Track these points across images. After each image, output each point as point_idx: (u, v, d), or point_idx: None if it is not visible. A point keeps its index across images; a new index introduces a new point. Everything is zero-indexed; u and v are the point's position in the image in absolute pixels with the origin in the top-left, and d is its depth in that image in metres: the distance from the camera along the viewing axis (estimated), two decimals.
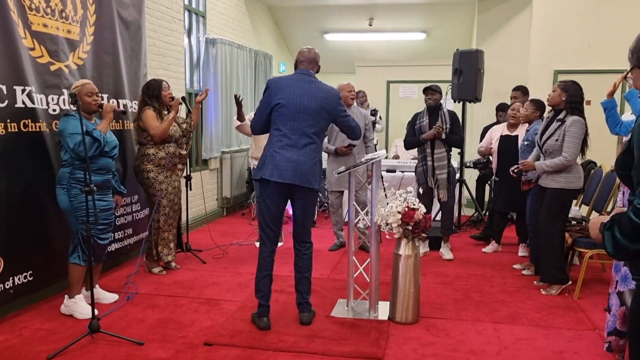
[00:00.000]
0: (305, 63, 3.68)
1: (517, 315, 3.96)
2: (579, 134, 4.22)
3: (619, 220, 1.60)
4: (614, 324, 3.17)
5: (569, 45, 7.75)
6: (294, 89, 3.55)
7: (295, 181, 3.49)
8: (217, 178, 7.69)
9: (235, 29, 8.31)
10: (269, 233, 3.67)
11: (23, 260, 3.84)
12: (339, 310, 3.98)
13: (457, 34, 10.04)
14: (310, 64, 3.68)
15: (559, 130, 4.28)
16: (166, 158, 4.70)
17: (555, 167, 4.26)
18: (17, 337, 3.47)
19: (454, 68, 6.58)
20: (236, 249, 5.82)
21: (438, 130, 5.25)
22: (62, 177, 3.72)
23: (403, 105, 9.99)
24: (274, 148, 3.54)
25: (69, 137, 3.61)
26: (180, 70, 6.49)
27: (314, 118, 3.55)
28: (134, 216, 5.18)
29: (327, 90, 3.64)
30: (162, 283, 4.59)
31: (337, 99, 3.67)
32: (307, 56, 3.69)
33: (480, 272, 5.05)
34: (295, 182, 3.49)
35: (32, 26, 3.90)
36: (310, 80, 3.62)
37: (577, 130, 4.22)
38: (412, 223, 3.70)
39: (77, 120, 3.58)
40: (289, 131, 3.52)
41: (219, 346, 3.37)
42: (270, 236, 3.68)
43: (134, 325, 3.69)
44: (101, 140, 3.74)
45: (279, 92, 3.56)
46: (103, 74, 4.68)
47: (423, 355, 3.29)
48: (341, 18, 10.06)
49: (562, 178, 4.27)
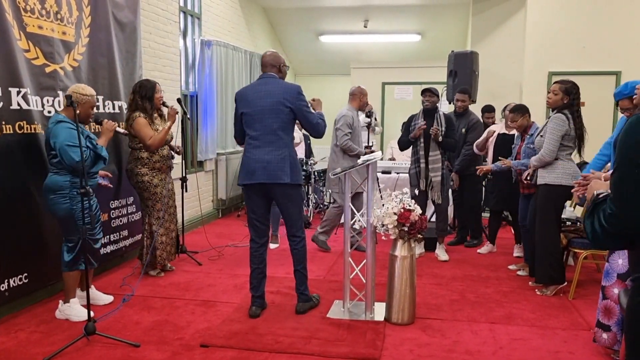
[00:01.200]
0: (267, 67, 3.88)
1: (513, 315, 3.98)
2: (556, 129, 4.25)
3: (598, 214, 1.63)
4: (598, 315, 3.31)
5: (564, 46, 7.79)
6: (255, 93, 3.80)
7: (265, 180, 3.71)
8: (213, 180, 7.69)
9: (230, 31, 8.31)
10: (255, 229, 3.93)
11: (18, 262, 3.83)
12: (335, 311, 3.98)
13: (451, 36, 10.08)
14: (271, 67, 3.86)
15: (544, 128, 4.36)
16: (160, 161, 4.68)
17: (537, 162, 4.35)
18: (13, 339, 3.46)
19: (449, 69, 6.62)
20: (232, 250, 5.82)
21: (436, 132, 5.26)
22: (62, 186, 3.65)
23: (398, 106, 10.02)
24: (245, 152, 3.86)
25: (71, 150, 3.54)
26: (176, 72, 6.48)
27: (276, 114, 3.73)
28: (129, 218, 5.17)
29: (286, 86, 3.81)
30: (158, 285, 4.58)
31: (296, 94, 3.77)
32: (267, 60, 3.89)
33: (476, 272, 5.06)
34: (265, 181, 3.71)
35: (27, 28, 3.89)
36: (269, 81, 3.82)
37: (554, 126, 4.26)
38: (408, 224, 3.71)
39: (73, 129, 3.57)
40: (256, 133, 3.77)
41: (215, 348, 3.37)
42: (258, 231, 3.94)
43: (130, 327, 3.69)
44: (106, 158, 3.80)
45: (242, 101, 3.84)
46: (98, 76, 4.67)
47: (419, 355, 3.30)
48: (336, 20, 10.08)
49: (547, 173, 4.32)
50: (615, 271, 3.21)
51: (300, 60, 11.79)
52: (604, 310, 3.26)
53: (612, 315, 3.22)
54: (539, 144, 4.37)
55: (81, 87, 3.80)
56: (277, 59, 3.87)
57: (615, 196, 1.55)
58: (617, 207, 1.53)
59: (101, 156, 3.79)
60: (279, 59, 3.88)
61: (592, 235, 1.62)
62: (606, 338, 3.25)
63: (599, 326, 3.30)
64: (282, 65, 3.89)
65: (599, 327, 3.30)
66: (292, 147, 3.83)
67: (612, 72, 7.69)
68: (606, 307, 3.24)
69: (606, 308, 3.24)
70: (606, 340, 3.25)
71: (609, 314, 3.23)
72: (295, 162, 3.79)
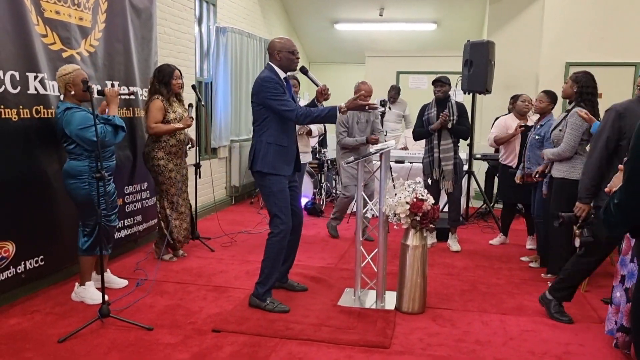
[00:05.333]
0: (269, 56, 3.81)
1: (524, 307, 3.97)
2: (577, 125, 4.21)
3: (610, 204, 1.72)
4: (621, 320, 3.15)
5: (581, 37, 7.69)
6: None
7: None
8: (226, 167, 7.73)
9: (245, 18, 8.30)
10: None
11: (34, 245, 3.89)
12: (346, 299, 4.00)
13: (468, 25, 9.97)
14: (270, 56, 3.81)
15: (563, 121, 4.31)
16: (177, 145, 4.71)
17: (554, 155, 4.33)
18: (29, 320, 3.53)
19: (465, 59, 6.55)
20: (244, 237, 5.86)
21: (445, 118, 5.25)
22: (82, 171, 3.67)
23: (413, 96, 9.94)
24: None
25: (88, 132, 3.56)
26: (191, 58, 6.50)
27: (252, 107, 3.77)
28: (143, 203, 5.22)
29: (257, 79, 3.74)
30: (171, 270, 4.63)
31: (259, 85, 3.67)
32: (268, 49, 3.84)
33: (487, 263, 5.06)
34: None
35: (45, 13, 3.92)
36: (262, 72, 3.79)
37: (575, 121, 4.23)
38: (421, 214, 3.71)
39: (84, 112, 3.62)
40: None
41: (227, 333, 3.40)
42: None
43: (144, 310, 3.74)
44: (123, 125, 3.79)
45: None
46: (114, 62, 4.70)
47: (429, 344, 3.31)
48: (352, 8, 10.01)
49: (565, 167, 4.29)
50: None
51: (314, 48, 11.74)
52: (628, 313, 3.01)
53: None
54: (557, 137, 4.33)
55: (62, 69, 3.70)
56: (272, 47, 3.75)
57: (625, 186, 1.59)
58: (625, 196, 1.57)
59: (118, 125, 3.76)
60: (273, 46, 3.73)
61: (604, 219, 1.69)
62: (628, 340, 3.05)
63: (622, 331, 3.10)
64: (277, 52, 3.72)
65: (623, 332, 3.10)
66: (267, 136, 3.69)
67: (631, 63, 7.58)
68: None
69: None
70: (629, 342, 3.05)
71: None
72: (261, 149, 3.70)
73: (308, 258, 5.06)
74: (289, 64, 3.76)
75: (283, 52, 3.72)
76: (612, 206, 1.62)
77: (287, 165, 3.79)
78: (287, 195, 3.79)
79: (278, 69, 3.74)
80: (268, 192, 3.76)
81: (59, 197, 4.00)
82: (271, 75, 3.69)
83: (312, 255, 5.18)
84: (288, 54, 3.73)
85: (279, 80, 3.69)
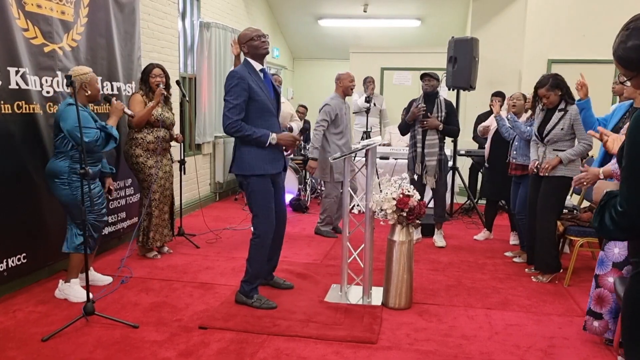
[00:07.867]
0: None
1: (509, 301, 4.02)
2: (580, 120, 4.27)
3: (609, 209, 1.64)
4: (589, 304, 3.33)
5: (563, 34, 7.76)
6: None
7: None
8: (210, 163, 7.68)
9: (229, 13, 8.25)
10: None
11: (17, 242, 3.83)
12: (332, 295, 4.01)
13: (451, 22, 10.02)
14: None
15: (563, 120, 4.30)
16: (155, 142, 4.67)
17: (580, 154, 4.33)
18: (11, 319, 3.47)
19: (449, 56, 6.57)
20: (229, 233, 5.83)
21: (418, 112, 5.28)
22: (61, 171, 3.65)
23: (397, 92, 9.98)
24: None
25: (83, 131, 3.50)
26: (174, 53, 6.43)
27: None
28: (127, 200, 5.17)
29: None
30: (156, 267, 4.59)
31: (225, 84, 3.59)
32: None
33: (472, 259, 5.10)
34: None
35: (26, 6, 3.85)
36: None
37: (578, 117, 4.27)
38: (407, 209, 3.72)
39: (85, 112, 3.65)
40: None
41: (214, 330, 3.39)
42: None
43: (129, 308, 3.70)
44: (117, 137, 3.81)
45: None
46: (97, 56, 4.63)
47: (416, 340, 3.33)
48: (336, 4, 10.00)
49: (565, 166, 4.31)
50: (611, 260, 3.23)
51: (299, 44, 11.70)
52: (596, 298, 3.28)
53: (605, 303, 3.24)
54: (557, 136, 4.31)
55: (79, 69, 3.77)
56: (239, 42, 3.69)
57: (625, 193, 1.56)
58: (627, 204, 1.54)
59: (112, 136, 3.79)
60: (240, 41, 3.68)
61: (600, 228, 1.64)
62: (597, 326, 3.28)
63: (590, 314, 3.33)
64: (242, 45, 3.65)
65: (590, 315, 3.32)
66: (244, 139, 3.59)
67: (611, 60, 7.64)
68: (599, 296, 3.26)
69: (599, 296, 3.26)
70: (597, 327, 3.29)
71: (601, 302, 3.25)
72: (241, 151, 3.63)
73: (294, 254, 5.06)
74: (258, 50, 3.64)
75: (247, 43, 3.63)
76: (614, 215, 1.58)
77: (269, 164, 3.65)
78: (271, 194, 3.70)
79: (252, 60, 3.65)
80: (250, 192, 3.69)
81: (42, 194, 3.95)
82: (237, 70, 3.58)
83: (298, 252, 5.17)
84: (252, 42, 3.61)
85: (247, 75, 3.55)
